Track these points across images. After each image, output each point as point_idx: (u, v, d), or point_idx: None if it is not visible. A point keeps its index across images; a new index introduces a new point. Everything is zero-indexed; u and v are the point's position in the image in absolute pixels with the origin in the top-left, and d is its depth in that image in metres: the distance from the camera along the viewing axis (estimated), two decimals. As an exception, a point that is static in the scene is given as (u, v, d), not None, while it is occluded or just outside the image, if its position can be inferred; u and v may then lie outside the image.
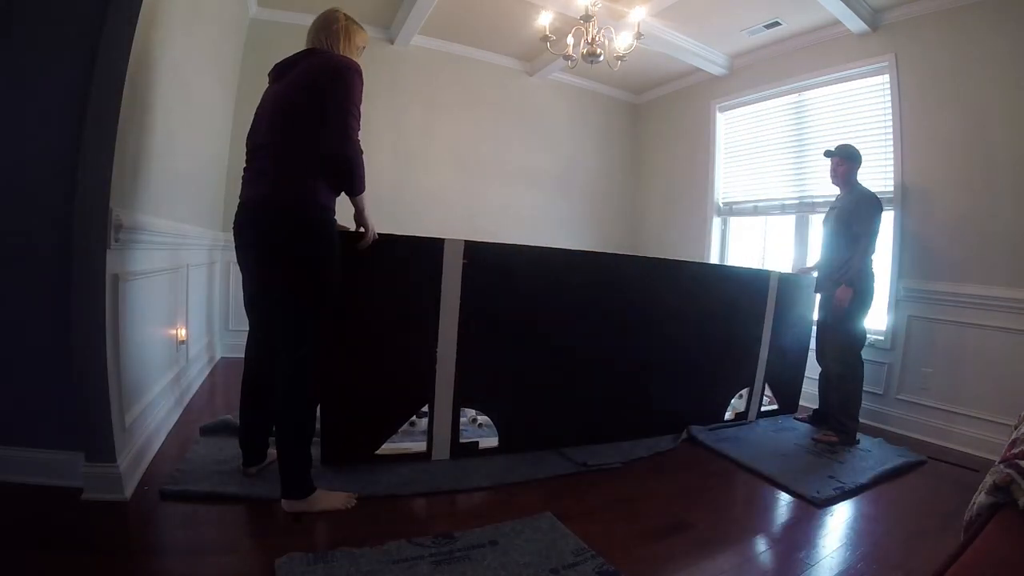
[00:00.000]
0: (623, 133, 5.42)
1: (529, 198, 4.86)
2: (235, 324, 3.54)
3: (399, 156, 4.26)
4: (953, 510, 1.86)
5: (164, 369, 2.27)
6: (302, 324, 1.63)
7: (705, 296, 2.74)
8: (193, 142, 2.63)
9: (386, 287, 1.97)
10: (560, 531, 1.62)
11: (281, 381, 1.64)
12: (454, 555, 1.45)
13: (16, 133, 1.54)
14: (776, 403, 3.22)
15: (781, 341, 3.08)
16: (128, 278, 1.73)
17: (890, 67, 3.20)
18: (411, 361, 2.05)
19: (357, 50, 1.78)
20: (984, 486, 0.94)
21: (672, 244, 4.86)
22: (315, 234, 1.60)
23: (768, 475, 2.22)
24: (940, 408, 2.89)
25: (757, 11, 3.52)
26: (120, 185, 1.60)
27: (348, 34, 1.74)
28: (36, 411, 1.61)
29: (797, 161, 3.90)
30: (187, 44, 2.26)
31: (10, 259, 1.56)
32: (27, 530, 1.41)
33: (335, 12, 1.75)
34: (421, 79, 4.33)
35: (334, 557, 1.38)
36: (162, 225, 2.08)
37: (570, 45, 3.05)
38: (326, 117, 1.56)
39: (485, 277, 2.09)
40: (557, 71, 4.69)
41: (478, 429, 2.42)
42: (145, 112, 1.81)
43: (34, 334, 1.59)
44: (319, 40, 1.72)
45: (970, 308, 2.81)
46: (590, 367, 2.42)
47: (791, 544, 1.74)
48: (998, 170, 2.75)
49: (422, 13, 3.66)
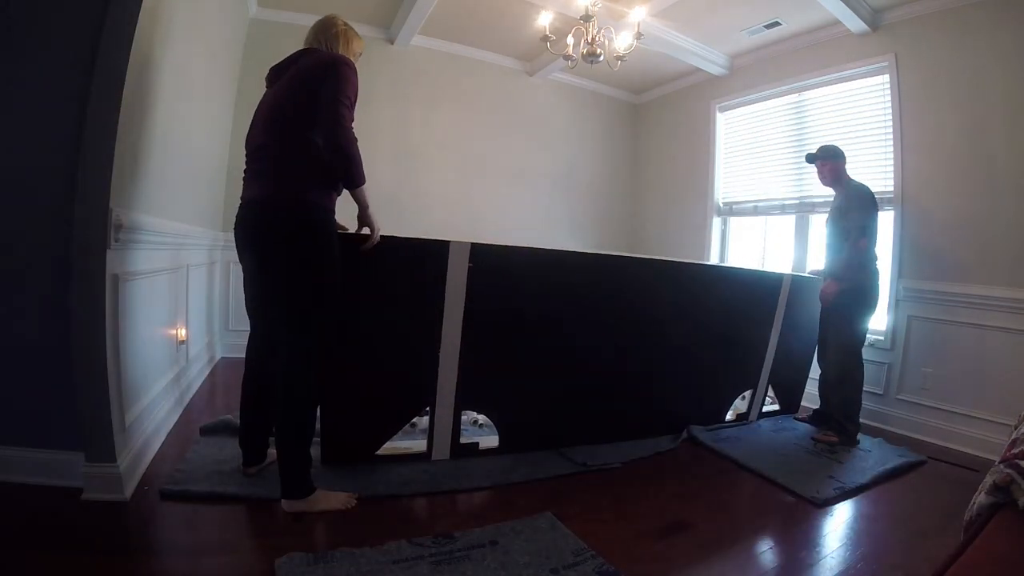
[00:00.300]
0: (623, 133, 5.42)
1: (529, 198, 4.86)
2: (235, 324, 3.54)
3: (399, 156, 4.26)
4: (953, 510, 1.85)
5: (164, 369, 2.27)
6: (301, 324, 1.63)
7: (711, 298, 2.72)
8: (193, 142, 2.63)
9: (390, 288, 1.96)
10: (560, 531, 1.62)
11: (281, 381, 1.64)
12: (454, 555, 1.45)
13: (16, 133, 1.54)
14: (777, 403, 3.22)
15: (788, 343, 3.06)
16: (128, 278, 1.73)
17: (890, 67, 3.20)
18: (413, 363, 2.05)
19: (354, 56, 1.80)
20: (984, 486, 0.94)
21: (672, 244, 4.86)
22: (314, 234, 1.60)
23: (768, 475, 2.22)
24: (940, 408, 2.89)
25: (757, 11, 3.52)
26: (120, 185, 1.60)
27: (347, 39, 1.77)
28: (36, 411, 1.61)
29: (797, 161, 3.89)
30: (187, 44, 2.26)
31: (10, 259, 1.56)
32: (27, 530, 1.41)
33: (334, 18, 1.78)
34: (421, 79, 4.33)
35: (334, 557, 1.38)
36: (162, 225, 2.08)
37: (570, 45, 3.05)
38: (319, 108, 1.56)
39: (489, 279, 2.07)
40: (557, 71, 4.69)
41: (478, 429, 2.42)
42: (145, 112, 1.81)
43: (34, 334, 1.59)
44: (318, 42, 1.74)
45: (970, 308, 2.81)
46: (592, 368, 2.42)
47: (791, 544, 1.74)
48: (998, 170, 2.75)
49: (422, 13, 3.66)
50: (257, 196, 1.63)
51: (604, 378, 2.47)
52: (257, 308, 1.79)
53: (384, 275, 1.92)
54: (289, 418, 1.63)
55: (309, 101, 1.57)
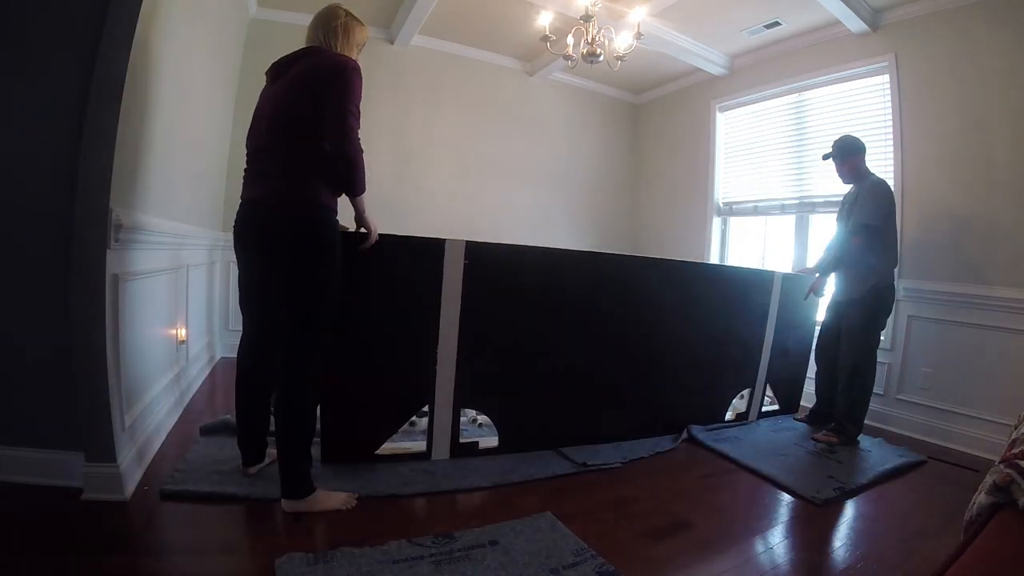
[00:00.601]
0: (623, 133, 5.42)
1: (529, 198, 4.86)
2: (235, 324, 3.53)
3: (399, 156, 4.26)
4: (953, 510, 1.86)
5: (164, 369, 2.27)
6: (304, 323, 1.62)
7: (707, 297, 2.74)
8: (193, 142, 2.63)
9: (387, 287, 1.96)
10: (560, 531, 1.62)
11: (282, 381, 1.64)
12: (454, 555, 1.45)
13: (16, 133, 1.54)
14: (777, 403, 3.22)
15: (784, 342, 3.07)
16: (128, 278, 1.73)
17: (890, 67, 3.20)
18: (411, 361, 2.05)
19: (357, 47, 1.77)
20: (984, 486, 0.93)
21: (672, 244, 4.86)
22: (316, 234, 1.60)
23: (768, 475, 2.22)
24: (940, 408, 2.89)
25: (757, 11, 3.52)
26: (120, 185, 1.60)
27: (348, 31, 1.73)
28: (36, 411, 1.61)
29: (797, 161, 3.89)
30: (187, 44, 2.26)
31: (10, 259, 1.56)
32: (27, 530, 1.41)
33: (336, 8, 1.74)
34: (421, 79, 4.33)
35: (334, 557, 1.38)
36: (162, 225, 2.08)
37: (570, 45, 3.05)
38: (326, 117, 1.56)
39: (486, 277, 2.08)
40: (557, 71, 4.69)
41: (478, 429, 2.42)
42: (145, 112, 1.81)
43: (34, 334, 1.59)
44: (318, 37, 1.70)
45: (970, 308, 2.81)
46: (591, 367, 2.42)
47: (791, 544, 1.74)
48: (998, 170, 2.75)
49: (422, 13, 3.66)
50: (261, 196, 1.62)
51: (604, 377, 2.47)
52: (254, 307, 1.78)
53: (382, 274, 1.93)
54: (289, 418, 1.63)
55: (315, 106, 1.56)
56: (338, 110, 1.55)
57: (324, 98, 1.56)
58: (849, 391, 2.71)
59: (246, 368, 1.80)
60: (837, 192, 3.40)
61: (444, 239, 2.03)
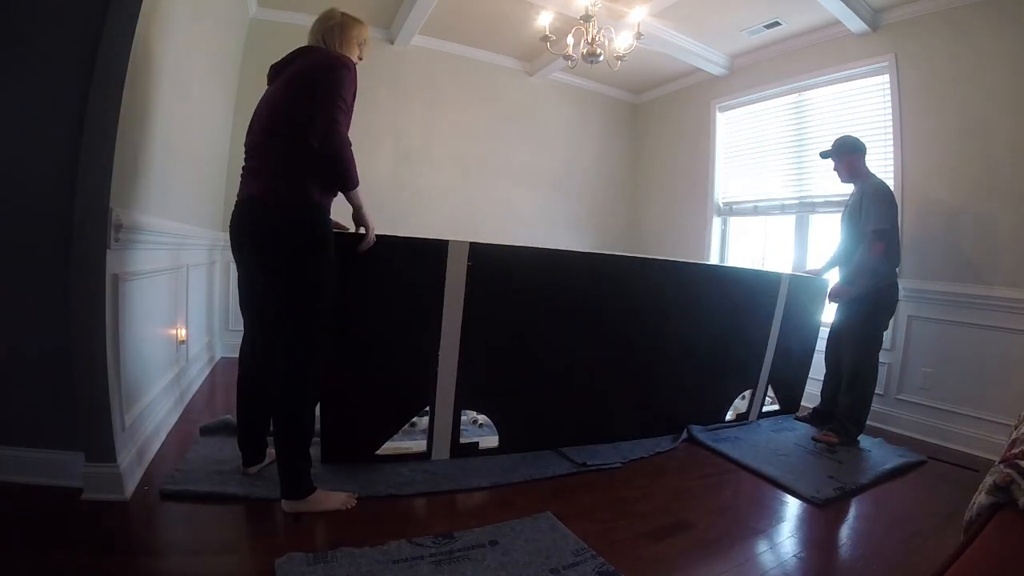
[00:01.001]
0: (623, 133, 5.42)
1: (529, 198, 4.86)
2: (235, 324, 3.53)
3: (399, 156, 4.26)
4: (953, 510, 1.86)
5: (164, 369, 2.27)
6: (300, 323, 1.62)
7: (710, 298, 2.72)
8: (193, 142, 2.63)
9: (389, 288, 1.96)
10: (560, 531, 1.62)
11: (281, 381, 1.64)
12: (454, 555, 1.45)
13: (16, 133, 1.54)
14: (777, 403, 3.21)
15: (788, 343, 3.05)
16: (128, 278, 1.73)
17: (890, 67, 3.20)
18: (413, 362, 2.05)
19: (355, 44, 1.78)
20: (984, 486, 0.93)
21: (672, 244, 4.86)
22: (308, 232, 1.60)
23: (768, 475, 2.22)
24: (940, 408, 2.89)
25: (757, 11, 3.52)
26: (120, 185, 1.60)
27: (343, 28, 1.74)
28: (36, 411, 1.61)
29: (797, 161, 3.89)
30: (187, 44, 2.26)
31: (10, 259, 1.56)
32: (27, 530, 1.41)
33: (333, 9, 1.77)
34: (421, 79, 4.33)
35: (334, 557, 1.38)
36: (162, 225, 2.08)
37: (570, 45, 3.05)
38: (313, 110, 1.56)
39: (488, 278, 2.07)
40: (557, 71, 4.69)
41: (478, 429, 2.42)
42: (145, 112, 1.81)
43: (34, 334, 1.59)
44: (317, 38, 1.73)
45: (970, 308, 2.81)
46: (591, 368, 2.42)
47: (791, 544, 1.74)
48: (998, 170, 2.75)
49: (422, 13, 3.66)
50: (253, 194, 1.63)
51: (604, 377, 2.47)
52: (252, 307, 1.78)
53: (384, 275, 1.92)
54: (289, 418, 1.63)
55: (306, 102, 1.57)
56: (325, 104, 1.56)
57: (312, 93, 1.57)
58: (850, 390, 2.70)
59: (248, 368, 1.81)
60: (837, 192, 3.42)
61: (447, 240, 2.01)
